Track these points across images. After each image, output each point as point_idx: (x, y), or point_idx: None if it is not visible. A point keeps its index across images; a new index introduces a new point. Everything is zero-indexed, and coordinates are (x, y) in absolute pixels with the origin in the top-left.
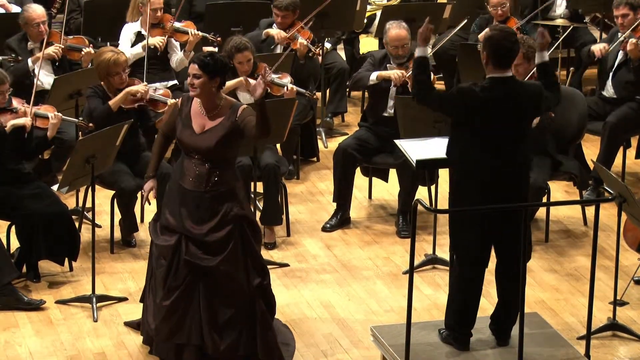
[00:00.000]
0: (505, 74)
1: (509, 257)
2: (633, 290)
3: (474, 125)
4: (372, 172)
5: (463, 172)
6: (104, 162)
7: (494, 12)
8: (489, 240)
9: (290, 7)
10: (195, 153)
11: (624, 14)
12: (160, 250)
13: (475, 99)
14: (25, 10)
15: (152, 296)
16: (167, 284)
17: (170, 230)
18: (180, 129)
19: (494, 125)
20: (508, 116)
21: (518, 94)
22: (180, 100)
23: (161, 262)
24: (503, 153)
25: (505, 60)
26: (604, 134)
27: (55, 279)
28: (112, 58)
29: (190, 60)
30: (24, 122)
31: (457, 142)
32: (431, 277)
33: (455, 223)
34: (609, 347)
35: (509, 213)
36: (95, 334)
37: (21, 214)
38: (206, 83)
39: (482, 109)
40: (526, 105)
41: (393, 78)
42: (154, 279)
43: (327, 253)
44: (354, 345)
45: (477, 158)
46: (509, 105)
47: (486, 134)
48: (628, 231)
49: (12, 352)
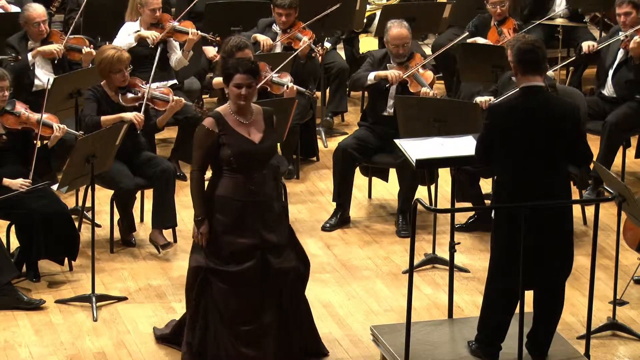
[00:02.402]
0: (536, 83)
1: (545, 272)
2: (633, 289)
3: (509, 144)
4: (372, 171)
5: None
6: (103, 161)
7: (493, 11)
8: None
9: (293, 4)
10: (257, 162)
11: (627, 12)
12: (240, 274)
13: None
14: (26, 9)
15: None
16: (261, 302)
17: (241, 253)
18: (235, 146)
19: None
20: (541, 129)
21: (553, 105)
22: (209, 124)
23: (241, 290)
24: (538, 185)
25: (533, 66)
26: (603, 133)
27: (55, 278)
28: (115, 55)
29: (228, 70)
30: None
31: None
32: (431, 276)
33: (499, 238)
34: (609, 346)
35: (549, 224)
36: (95, 334)
37: (21, 214)
38: (255, 88)
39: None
40: (560, 119)
41: (390, 77)
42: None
43: (326, 252)
44: (354, 345)
45: (510, 191)
46: (542, 115)
47: (521, 156)
48: (628, 231)
49: (12, 352)
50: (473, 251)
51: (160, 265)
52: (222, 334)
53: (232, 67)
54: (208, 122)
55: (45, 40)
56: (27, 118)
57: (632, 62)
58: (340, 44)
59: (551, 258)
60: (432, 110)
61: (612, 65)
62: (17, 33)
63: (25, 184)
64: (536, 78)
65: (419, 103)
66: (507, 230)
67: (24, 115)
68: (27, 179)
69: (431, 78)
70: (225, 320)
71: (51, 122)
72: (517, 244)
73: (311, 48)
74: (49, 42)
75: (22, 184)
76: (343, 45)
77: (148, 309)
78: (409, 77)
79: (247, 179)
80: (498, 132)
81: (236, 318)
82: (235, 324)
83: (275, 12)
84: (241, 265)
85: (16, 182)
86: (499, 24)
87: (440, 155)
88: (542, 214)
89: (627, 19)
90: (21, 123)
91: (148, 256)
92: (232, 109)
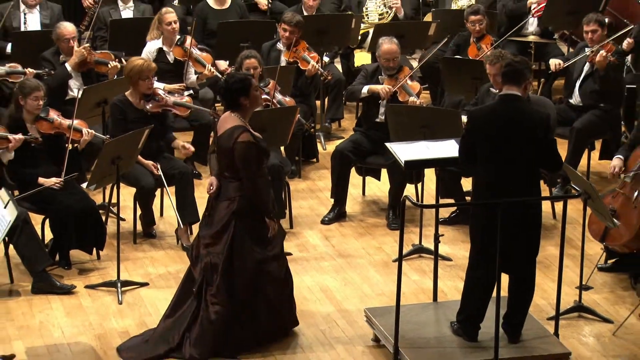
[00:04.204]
0: (513, 92)
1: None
2: (597, 276)
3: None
4: (366, 171)
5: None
6: (127, 162)
7: (472, 28)
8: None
9: (299, 24)
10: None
11: (594, 29)
12: (272, 258)
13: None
14: (58, 27)
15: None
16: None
17: (272, 239)
18: (264, 147)
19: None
20: (517, 133)
21: (527, 113)
22: (249, 138)
23: (266, 268)
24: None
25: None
26: (571, 138)
27: (85, 266)
28: (144, 64)
29: (243, 82)
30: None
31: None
32: (418, 264)
33: (478, 232)
34: (575, 326)
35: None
36: (120, 315)
37: (54, 209)
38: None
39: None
40: (533, 125)
41: (381, 93)
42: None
43: (325, 243)
44: (350, 325)
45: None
46: (517, 121)
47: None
48: (592, 224)
49: (46, 332)
50: (455, 242)
51: (177, 254)
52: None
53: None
54: (246, 137)
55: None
56: (60, 124)
57: (597, 74)
58: (338, 58)
59: (523, 247)
60: (419, 117)
61: (579, 77)
62: (50, 48)
63: (58, 182)
64: (513, 88)
65: (407, 111)
66: (484, 224)
67: (56, 122)
68: (59, 178)
69: (418, 88)
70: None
71: (81, 127)
72: (493, 236)
73: (319, 70)
74: None
75: (56, 182)
76: (340, 59)
77: (167, 293)
78: (398, 88)
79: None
80: (478, 135)
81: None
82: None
83: (280, 27)
84: (274, 249)
85: (50, 180)
86: (478, 40)
87: (426, 157)
88: (516, 209)
89: (594, 36)
90: (54, 128)
91: (167, 246)
92: (246, 119)
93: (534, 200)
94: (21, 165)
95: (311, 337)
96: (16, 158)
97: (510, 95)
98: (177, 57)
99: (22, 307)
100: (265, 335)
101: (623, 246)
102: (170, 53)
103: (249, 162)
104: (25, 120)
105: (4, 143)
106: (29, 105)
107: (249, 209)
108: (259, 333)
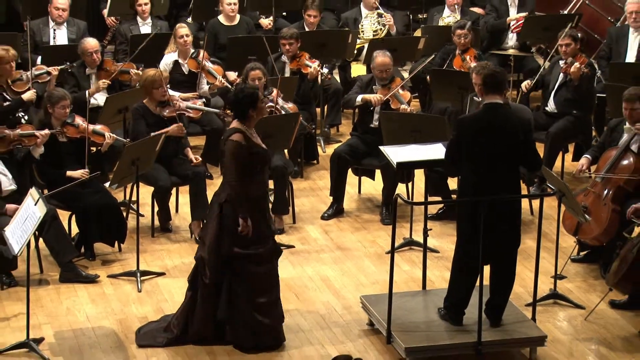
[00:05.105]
0: (497, 100)
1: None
2: (570, 266)
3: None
4: (361, 172)
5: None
6: (146, 164)
7: (458, 42)
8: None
9: (294, 35)
10: (269, 164)
11: (568, 43)
12: (261, 256)
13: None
14: (82, 42)
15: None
16: (274, 279)
17: (262, 238)
18: (259, 153)
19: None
20: (500, 138)
21: (510, 119)
22: (240, 139)
23: (258, 269)
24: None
25: (494, 87)
26: (546, 142)
27: (107, 257)
28: (156, 74)
29: (252, 96)
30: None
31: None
32: (408, 256)
33: (463, 226)
34: (551, 312)
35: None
36: (139, 302)
37: (80, 206)
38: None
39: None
40: (515, 130)
41: (373, 101)
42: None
43: (325, 237)
44: (347, 311)
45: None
46: (501, 127)
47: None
48: (566, 219)
49: (73, 317)
50: (442, 236)
51: (191, 247)
52: (244, 306)
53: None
54: (240, 137)
55: (99, 67)
56: (85, 128)
57: (571, 84)
58: (336, 70)
59: (503, 241)
60: (410, 123)
61: (554, 87)
62: (76, 61)
63: (85, 173)
64: (496, 97)
65: (399, 117)
66: (469, 219)
67: (81, 126)
68: (85, 169)
69: (409, 97)
70: (248, 294)
71: (103, 132)
72: (477, 230)
73: (320, 73)
74: (103, 68)
75: (82, 174)
76: (338, 70)
77: (182, 282)
78: (390, 97)
79: (264, 178)
80: (465, 140)
81: (257, 293)
82: (255, 297)
83: (281, 43)
84: (263, 247)
85: (77, 172)
86: (463, 52)
87: (416, 159)
88: (498, 205)
89: (568, 49)
90: (79, 132)
91: (182, 239)
92: (247, 126)
93: (514, 198)
94: (49, 166)
95: (312, 321)
96: (45, 160)
97: (494, 104)
98: (192, 68)
99: (50, 294)
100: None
101: (594, 239)
102: (185, 65)
103: (235, 161)
104: (53, 126)
105: (33, 140)
106: (57, 113)
107: (235, 203)
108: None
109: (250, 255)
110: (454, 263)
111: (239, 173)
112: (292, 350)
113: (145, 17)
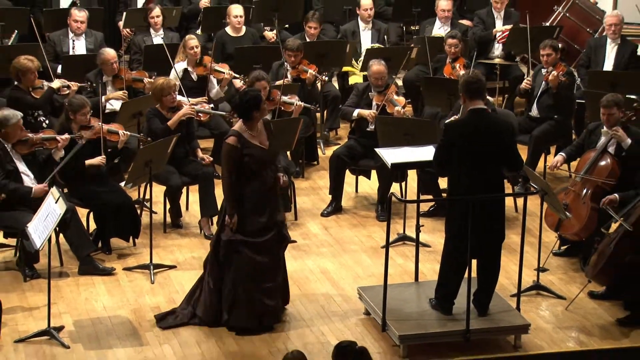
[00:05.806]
0: (480, 106)
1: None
2: (552, 260)
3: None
4: (358, 172)
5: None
6: (158, 165)
7: (449, 50)
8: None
9: (299, 48)
10: (269, 163)
11: (549, 53)
12: (261, 246)
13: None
14: (101, 53)
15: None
16: (275, 265)
17: (264, 229)
18: (253, 154)
19: (475, 150)
20: (485, 140)
21: (494, 123)
22: (233, 142)
23: (257, 258)
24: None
25: (477, 93)
26: (530, 144)
27: (123, 251)
28: (164, 82)
29: (255, 100)
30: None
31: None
32: (402, 250)
33: (453, 223)
34: (534, 302)
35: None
36: (152, 293)
37: (97, 204)
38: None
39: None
40: (500, 133)
41: (368, 117)
42: (252, 270)
43: (324, 232)
44: (345, 301)
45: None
46: (486, 130)
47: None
48: (548, 216)
49: (90, 306)
50: (433, 231)
51: (200, 242)
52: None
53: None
54: (233, 140)
55: (116, 75)
56: (100, 129)
57: (551, 91)
58: (335, 78)
59: (490, 236)
60: (403, 127)
61: (537, 93)
62: (93, 70)
63: (103, 161)
64: (479, 102)
65: (393, 121)
66: (458, 216)
67: (97, 127)
68: (103, 156)
69: (403, 103)
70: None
71: (117, 130)
72: (465, 226)
73: (316, 76)
74: (118, 76)
75: (101, 160)
76: (337, 78)
77: (192, 274)
78: (386, 102)
79: (264, 177)
80: (453, 143)
81: (262, 277)
82: (261, 282)
83: (285, 53)
84: (262, 238)
85: (96, 160)
86: (453, 61)
87: (409, 160)
88: (484, 203)
89: (549, 59)
90: (96, 133)
91: (191, 235)
92: (246, 127)
93: (500, 196)
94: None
95: (312, 311)
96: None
97: (479, 109)
98: (199, 73)
99: (70, 286)
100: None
101: (574, 235)
102: (193, 73)
103: (227, 162)
104: (73, 130)
105: (54, 143)
106: (78, 119)
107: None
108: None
109: (247, 242)
110: (443, 257)
111: (229, 171)
112: (293, 337)
113: (157, 28)
